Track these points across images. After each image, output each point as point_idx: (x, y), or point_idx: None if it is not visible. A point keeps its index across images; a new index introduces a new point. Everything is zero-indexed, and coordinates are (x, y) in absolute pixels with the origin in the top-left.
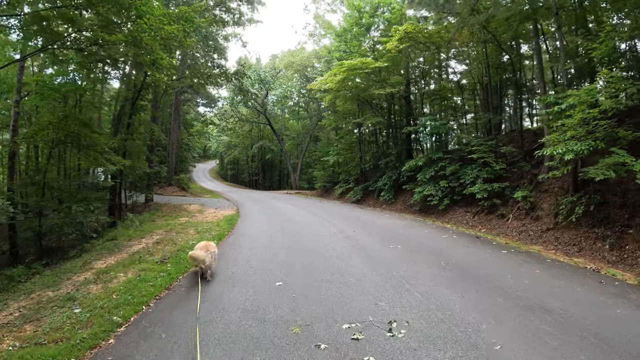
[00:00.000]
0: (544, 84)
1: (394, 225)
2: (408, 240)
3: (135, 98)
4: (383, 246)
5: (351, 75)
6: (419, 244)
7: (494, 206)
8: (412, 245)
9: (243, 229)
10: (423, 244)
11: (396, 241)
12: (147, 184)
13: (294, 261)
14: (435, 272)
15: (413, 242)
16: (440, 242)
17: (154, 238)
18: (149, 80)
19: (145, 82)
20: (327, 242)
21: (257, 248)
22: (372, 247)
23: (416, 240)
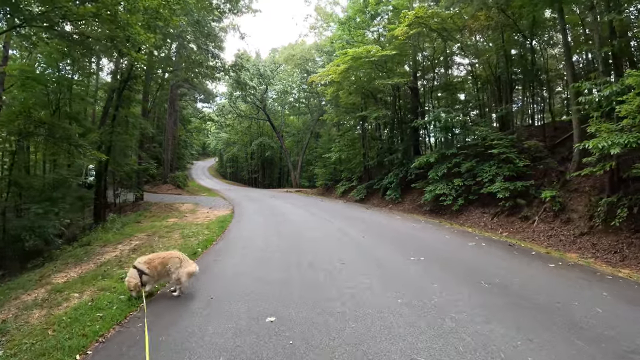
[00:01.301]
0: (572, 72)
1: (407, 228)
2: (429, 248)
3: (121, 88)
4: (402, 257)
5: (355, 65)
6: (444, 254)
7: (517, 207)
8: (436, 256)
9: (235, 233)
10: (449, 254)
11: (416, 250)
12: (137, 181)
13: (293, 279)
14: (479, 298)
15: (436, 251)
16: (469, 252)
17: (132, 244)
18: (137, 69)
19: (133, 72)
20: (333, 252)
21: (247, 260)
22: (389, 259)
23: (439, 249)
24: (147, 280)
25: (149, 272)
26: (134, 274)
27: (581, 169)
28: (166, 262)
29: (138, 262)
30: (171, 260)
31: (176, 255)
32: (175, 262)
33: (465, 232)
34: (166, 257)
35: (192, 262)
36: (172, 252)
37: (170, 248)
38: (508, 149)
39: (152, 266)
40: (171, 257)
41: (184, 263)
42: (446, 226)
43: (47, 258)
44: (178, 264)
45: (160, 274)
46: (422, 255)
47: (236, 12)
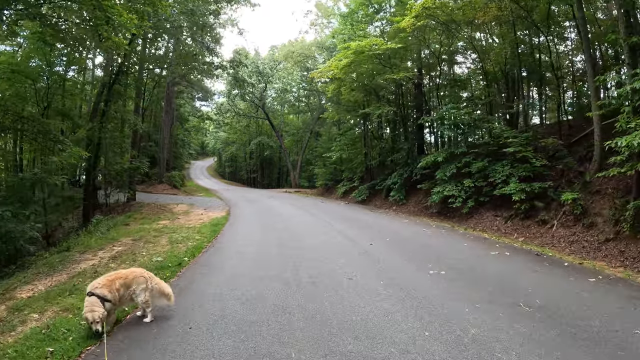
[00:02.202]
0: (593, 66)
1: (418, 234)
2: (447, 259)
3: (112, 82)
4: (418, 270)
5: (358, 60)
6: (466, 266)
7: (533, 210)
8: (458, 268)
9: (228, 239)
10: (471, 266)
11: (433, 261)
12: (129, 181)
13: (291, 303)
14: (523, 327)
15: (456, 262)
16: (494, 264)
17: (114, 250)
18: (129, 62)
19: (124, 65)
20: (338, 263)
21: (238, 274)
22: (405, 273)
23: (459, 260)
24: (109, 308)
25: (111, 298)
26: (95, 302)
27: (603, 169)
28: (129, 284)
29: (95, 287)
30: (135, 281)
31: (140, 273)
32: (140, 282)
33: (482, 239)
34: (129, 276)
35: (161, 281)
36: (134, 269)
37: (155, 256)
38: (524, 148)
39: (113, 289)
40: (135, 277)
41: (151, 283)
42: (460, 231)
43: (20, 266)
44: (144, 284)
45: (122, 299)
46: (442, 267)
47: (232, 2)
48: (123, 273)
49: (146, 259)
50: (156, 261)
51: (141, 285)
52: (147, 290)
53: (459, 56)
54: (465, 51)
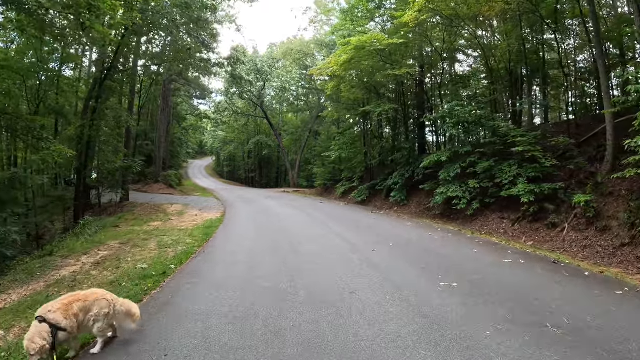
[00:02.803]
0: (604, 62)
1: (423, 238)
2: (458, 268)
3: (103, 78)
4: (428, 282)
5: (359, 56)
6: (480, 276)
7: (542, 212)
8: (471, 280)
9: (220, 243)
10: (486, 276)
11: (443, 271)
12: (123, 180)
13: (286, 325)
14: (553, 353)
15: (468, 272)
16: (510, 274)
17: (99, 254)
18: (121, 58)
19: (116, 60)
20: (339, 274)
21: (227, 285)
22: (413, 286)
23: (471, 270)
24: (64, 338)
25: (66, 326)
26: (43, 332)
27: (615, 169)
28: (89, 307)
29: (48, 311)
30: (97, 304)
31: (102, 295)
32: (102, 305)
33: (491, 244)
34: (89, 298)
35: (126, 300)
36: (95, 290)
37: (141, 262)
38: (532, 147)
39: (70, 315)
40: (96, 299)
41: (114, 307)
42: (467, 235)
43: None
44: (106, 308)
45: (81, 326)
46: (453, 278)
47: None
48: (82, 295)
49: (130, 266)
50: (140, 269)
51: (103, 309)
52: (108, 317)
53: (460, 54)
54: (468, 48)
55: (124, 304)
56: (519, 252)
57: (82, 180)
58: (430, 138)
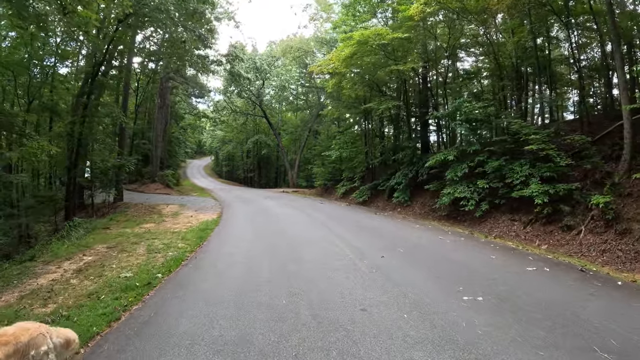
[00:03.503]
0: (621, 56)
1: (434, 243)
2: (479, 278)
3: (94, 73)
4: (448, 295)
5: (362, 51)
6: (505, 288)
7: (556, 214)
8: (496, 292)
9: (214, 249)
10: (511, 288)
11: (465, 282)
12: (116, 179)
13: (287, 355)
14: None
15: (492, 283)
16: (538, 284)
17: (83, 260)
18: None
19: (108, 54)
20: (347, 287)
21: (218, 300)
22: (432, 300)
23: (494, 280)
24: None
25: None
26: None
27: (633, 169)
28: (24, 350)
29: None
30: (33, 344)
31: (36, 330)
32: (39, 343)
33: (509, 249)
34: (21, 339)
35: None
36: (26, 325)
37: (126, 270)
38: (547, 145)
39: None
40: (30, 337)
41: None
42: (480, 239)
43: None
44: (44, 345)
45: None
46: (476, 291)
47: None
48: (10, 334)
49: (114, 274)
50: (124, 278)
51: (42, 347)
52: (50, 353)
53: (463, 53)
54: (472, 46)
55: (60, 334)
56: (540, 259)
57: (73, 179)
58: (433, 137)
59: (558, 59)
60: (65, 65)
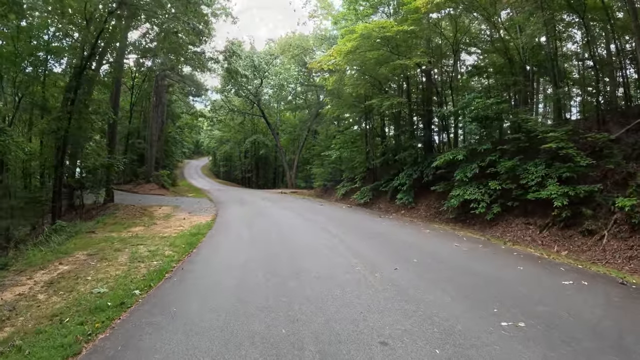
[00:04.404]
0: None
1: (450, 251)
2: (514, 297)
3: (82, 67)
4: (484, 320)
5: (365, 45)
6: (549, 310)
7: (576, 217)
8: (540, 315)
9: (204, 258)
10: (556, 310)
11: (498, 302)
12: (106, 179)
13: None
14: None
15: (530, 303)
16: (581, 302)
17: (58, 270)
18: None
19: (97, 47)
20: (362, 313)
21: (202, 329)
22: (466, 328)
23: (531, 298)
24: None
25: None
26: None
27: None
28: None
29: None
30: None
31: None
32: None
33: (533, 258)
34: None
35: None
36: None
37: (101, 284)
38: (566, 143)
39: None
40: None
41: None
42: (500, 246)
43: None
44: None
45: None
46: (514, 313)
47: None
48: None
49: (87, 288)
50: (96, 294)
51: None
52: None
53: (469, 48)
54: (481, 41)
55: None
56: (572, 269)
57: (59, 179)
58: (438, 136)
59: (567, 54)
60: (61, 64)
